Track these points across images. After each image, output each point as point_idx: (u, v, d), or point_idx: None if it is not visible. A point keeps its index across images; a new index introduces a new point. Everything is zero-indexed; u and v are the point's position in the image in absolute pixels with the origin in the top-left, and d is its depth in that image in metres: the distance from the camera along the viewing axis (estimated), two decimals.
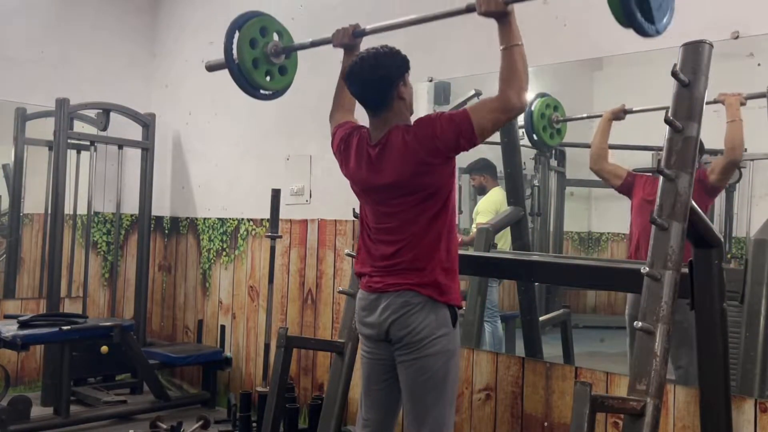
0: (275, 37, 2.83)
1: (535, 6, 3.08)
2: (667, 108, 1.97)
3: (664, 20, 1.88)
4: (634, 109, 2.93)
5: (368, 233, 2.43)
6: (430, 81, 3.45)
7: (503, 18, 2.19)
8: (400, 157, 2.26)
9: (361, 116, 2.55)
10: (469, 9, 2.25)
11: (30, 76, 4.83)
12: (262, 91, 2.84)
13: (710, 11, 2.55)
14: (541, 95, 3.21)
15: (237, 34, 2.71)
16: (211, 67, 2.91)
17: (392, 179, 2.28)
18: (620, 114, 2.96)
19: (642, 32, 1.81)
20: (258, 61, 2.77)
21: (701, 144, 2.55)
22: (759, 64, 2.45)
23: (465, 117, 2.19)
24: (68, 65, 5.01)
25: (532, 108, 3.18)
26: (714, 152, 2.69)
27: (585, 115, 3.28)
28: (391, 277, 2.31)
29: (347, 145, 2.45)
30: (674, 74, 1.95)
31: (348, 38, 2.64)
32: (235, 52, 2.72)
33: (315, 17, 4.19)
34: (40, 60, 4.91)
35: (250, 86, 2.79)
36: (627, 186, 2.98)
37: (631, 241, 2.99)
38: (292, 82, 2.94)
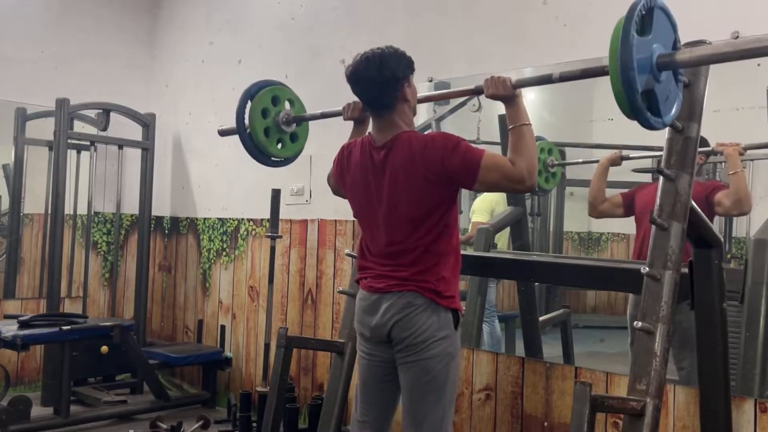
0: (287, 105, 2.85)
1: (535, 6, 3.10)
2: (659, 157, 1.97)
3: (672, 112, 1.85)
4: (630, 156, 2.97)
5: (369, 236, 2.42)
6: (430, 81, 3.44)
7: (511, 100, 2.26)
8: (404, 164, 2.26)
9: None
10: (477, 91, 2.35)
11: (30, 76, 4.83)
12: (273, 159, 2.86)
13: (710, 11, 2.55)
14: (536, 138, 3.19)
15: (249, 104, 2.73)
16: (224, 133, 2.96)
17: (395, 184, 2.28)
18: (617, 160, 2.97)
19: (648, 126, 1.77)
20: (269, 130, 2.80)
21: (707, 145, 2.57)
22: (759, 65, 2.44)
23: (476, 164, 2.19)
24: (68, 65, 5.00)
25: None
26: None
27: (581, 160, 3.29)
28: (393, 278, 2.30)
29: (348, 160, 2.45)
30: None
31: (358, 112, 2.64)
32: (246, 120, 2.74)
33: (315, 17, 4.19)
34: (40, 60, 4.91)
35: (261, 155, 2.82)
36: (628, 207, 2.98)
37: (636, 242, 2.98)
38: (303, 148, 2.96)
